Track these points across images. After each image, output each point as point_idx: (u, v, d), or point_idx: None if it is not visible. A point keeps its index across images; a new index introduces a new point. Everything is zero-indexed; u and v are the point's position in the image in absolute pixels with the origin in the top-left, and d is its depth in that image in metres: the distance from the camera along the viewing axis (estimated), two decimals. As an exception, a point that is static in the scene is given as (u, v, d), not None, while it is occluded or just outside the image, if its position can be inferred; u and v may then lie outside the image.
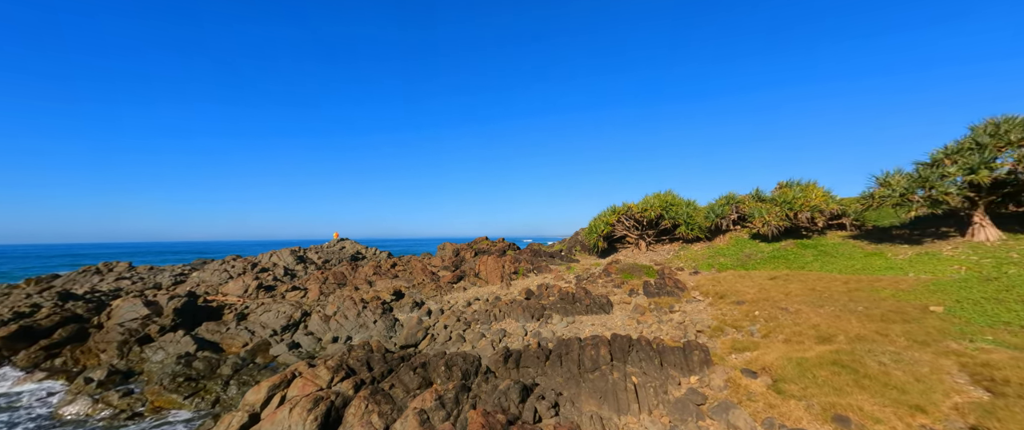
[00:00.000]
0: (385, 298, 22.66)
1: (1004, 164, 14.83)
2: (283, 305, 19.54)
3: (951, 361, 7.62)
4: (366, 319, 18.38)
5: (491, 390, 7.40)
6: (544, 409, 7.38)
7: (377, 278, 28.48)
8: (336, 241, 46.05)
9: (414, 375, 7.53)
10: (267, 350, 15.18)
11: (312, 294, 23.62)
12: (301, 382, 6.72)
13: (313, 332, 17.22)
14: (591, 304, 18.42)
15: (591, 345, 9.26)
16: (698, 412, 7.49)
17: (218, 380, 12.15)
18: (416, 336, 16.66)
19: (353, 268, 30.32)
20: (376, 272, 29.37)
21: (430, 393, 6.72)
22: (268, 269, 30.98)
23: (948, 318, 10.10)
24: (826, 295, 14.18)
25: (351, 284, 26.85)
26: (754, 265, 21.33)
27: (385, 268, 30.84)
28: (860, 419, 6.23)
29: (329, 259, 37.67)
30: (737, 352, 10.70)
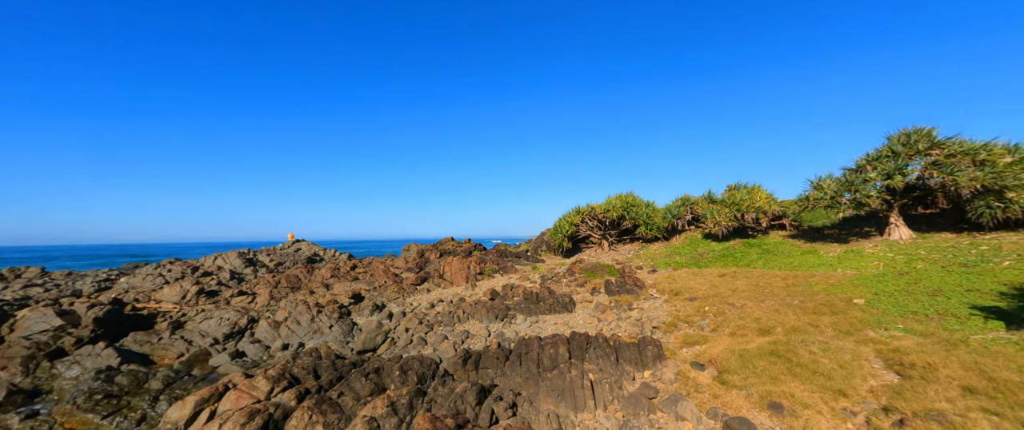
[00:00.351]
0: (343, 302, 21.63)
1: (914, 170, 16.74)
2: (227, 311, 18.06)
3: (869, 348, 8.43)
4: (321, 324, 17.43)
5: (448, 393, 7.22)
6: (501, 410, 7.30)
7: (335, 281, 27.15)
8: (291, 243, 43.46)
9: (366, 381, 7.17)
10: (206, 360, 13.92)
11: (261, 299, 22.08)
12: (235, 395, 6.14)
13: (260, 340, 16.06)
14: (554, 303, 18.63)
15: (550, 344, 9.31)
16: (650, 405, 7.74)
17: (145, 395, 10.95)
18: (375, 340, 16.03)
19: (309, 271, 28.73)
20: (334, 275, 28.01)
21: (382, 400, 6.43)
22: (212, 273, 28.59)
23: (868, 309, 11.19)
24: (768, 290, 15.25)
25: (306, 288, 25.38)
26: (706, 263, 22.59)
27: (344, 270, 29.48)
28: (791, 405, 6.71)
29: (282, 262, 35.45)
30: (688, 346, 11.22)
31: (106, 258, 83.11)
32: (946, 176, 15.65)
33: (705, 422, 7.01)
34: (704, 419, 7.10)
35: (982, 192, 15.49)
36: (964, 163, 15.46)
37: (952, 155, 15.79)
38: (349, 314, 20.80)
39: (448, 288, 26.56)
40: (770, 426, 6.49)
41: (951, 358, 7.08)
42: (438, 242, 39.60)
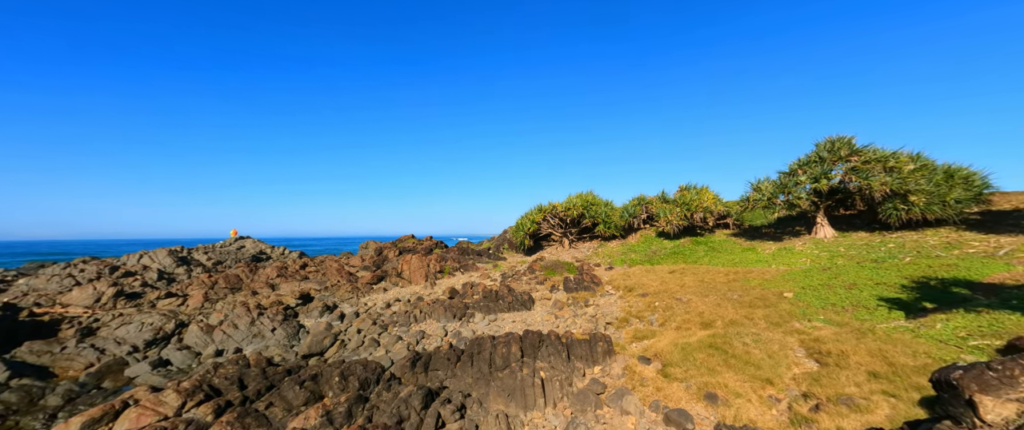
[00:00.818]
0: (289, 303, 20.26)
1: (837, 175, 18.53)
2: (150, 315, 16.25)
3: (794, 338, 9.15)
4: (262, 327, 16.18)
5: (392, 399, 6.89)
6: (449, 413, 7.08)
7: (282, 281, 25.39)
8: (234, 239, 40.13)
9: (301, 390, 6.65)
10: (121, 371, 12.39)
11: (194, 301, 20.11)
12: (136, 412, 5.39)
13: (190, 346, 14.60)
14: (514, 301, 18.61)
15: (503, 343, 9.22)
16: (597, 401, 7.87)
17: (40, 413, 9.51)
18: (322, 343, 15.14)
19: (252, 270, 26.64)
20: (281, 274, 26.18)
21: (317, 409, 5.98)
22: (135, 273, 25.66)
23: (796, 302, 12.18)
24: (712, 286, 16.18)
25: (248, 288, 23.51)
26: (659, 260, 23.66)
27: (293, 269, 27.65)
28: (725, 395, 7.10)
29: (222, 260, 32.61)
30: (637, 341, 11.62)
31: (6, 257, 72.08)
32: (862, 180, 17.46)
33: (648, 415, 7.24)
34: (647, 412, 7.33)
35: (890, 195, 17.47)
36: (877, 169, 17.34)
37: (867, 161, 17.65)
38: (296, 316, 19.54)
39: (406, 287, 25.76)
40: (706, 416, 6.82)
41: (860, 346, 7.84)
42: (398, 239, 38.34)
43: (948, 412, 2.47)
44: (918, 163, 17.40)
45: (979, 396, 2.19)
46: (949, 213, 16.70)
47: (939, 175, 16.96)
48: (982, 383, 2.25)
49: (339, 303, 22.41)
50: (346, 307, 21.43)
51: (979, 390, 2.22)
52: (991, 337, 7.21)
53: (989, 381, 2.26)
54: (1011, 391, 2.18)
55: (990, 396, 2.21)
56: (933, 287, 11.37)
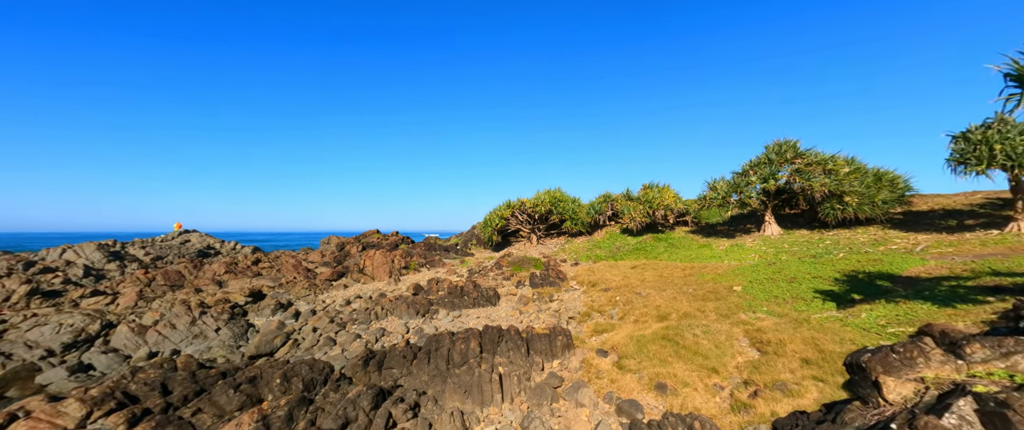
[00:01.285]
0: (238, 301, 18.93)
1: (783, 176, 19.84)
2: (71, 316, 14.56)
3: (740, 329, 9.66)
4: (204, 327, 15.00)
5: (339, 400, 6.54)
6: (400, 413, 6.83)
7: (231, 277, 23.69)
8: (177, 233, 37.03)
9: (235, 394, 6.14)
10: (32, 378, 10.99)
11: (125, 299, 18.31)
12: (26, 426, 4.69)
13: (118, 349, 13.24)
14: (479, 297, 18.44)
15: (462, 339, 9.05)
16: (554, 395, 7.91)
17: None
18: (272, 343, 14.27)
19: (196, 266, 24.68)
20: (230, 270, 24.44)
21: (251, 414, 5.53)
22: (56, 269, 22.99)
23: (743, 295, 12.90)
24: (669, 280, 16.83)
25: (191, 285, 21.73)
26: (622, 256, 24.35)
27: (244, 265, 25.89)
28: (673, 384, 7.35)
29: (163, 256, 29.97)
30: (597, 334, 11.85)
31: None
32: (805, 181, 18.81)
33: (601, 407, 7.36)
34: (600, 404, 7.46)
35: (829, 196, 18.95)
36: (817, 171, 18.74)
37: (809, 164, 19.03)
38: (244, 315, 18.32)
39: (369, 283, 24.90)
40: (655, 405, 7.02)
41: (796, 335, 8.39)
42: (362, 235, 36.97)
43: (858, 393, 2.62)
44: (852, 166, 18.99)
45: (883, 377, 2.33)
46: (877, 213, 18.37)
47: (870, 178, 18.60)
48: (886, 365, 2.40)
49: (294, 301, 21.28)
50: (302, 305, 20.38)
51: (884, 372, 2.37)
52: (906, 324, 7.94)
53: (892, 363, 2.42)
54: (910, 371, 2.33)
55: (892, 377, 2.36)
56: (861, 280, 12.43)
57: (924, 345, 2.60)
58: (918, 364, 2.37)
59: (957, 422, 1.98)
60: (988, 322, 6.63)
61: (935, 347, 2.58)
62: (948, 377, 2.37)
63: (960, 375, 2.38)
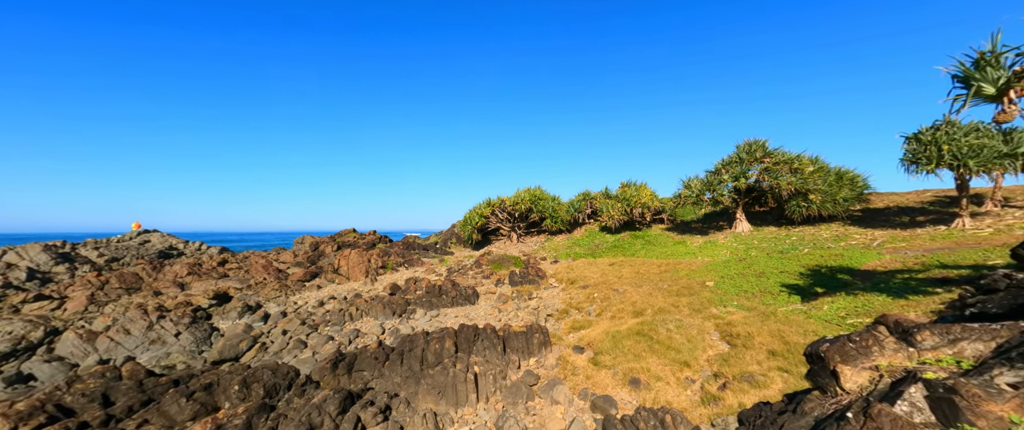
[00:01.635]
0: (201, 303, 17.94)
1: (753, 175, 20.57)
2: (10, 322, 13.38)
3: (711, 323, 9.89)
4: (162, 332, 14.12)
5: (303, 405, 6.22)
6: (370, 416, 6.58)
7: (194, 279, 22.45)
8: (136, 233, 34.85)
9: (187, 403, 5.73)
10: (-40, 396, 10.00)
11: (74, 304, 17.02)
12: (-60, 449, 4.19)
13: (64, 357, 12.25)
14: (457, 296, 18.19)
15: (437, 339, 8.85)
16: (529, 393, 7.84)
17: None
18: (238, 347, 13.58)
19: (156, 267, 23.26)
20: (193, 272, 23.15)
21: (205, 424, 5.16)
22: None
23: (715, 290, 13.25)
24: (646, 277, 17.11)
25: (149, 288, 20.44)
26: (601, 253, 24.63)
27: (209, 266, 24.60)
28: (647, 379, 7.42)
29: (120, 257, 28.11)
30: (574, 331, 11.88)
31: None
32: (773, 180, 19.56)
33: (576, 403, 7.35)
34: (575, 400, 7.44)
35: (795, 194, 19.77)
36: (784, 170, 19.52)
37: (777, 163, 19.80)
38: (208, 318, 17.40)
39: (343, 284, 24.17)
40: (629, 400, 7.06)
41: (764, 328, 8.65)
42: (337, 234, 35.89)
43: (817, 383, 2.65)
44: (816, 166, 19.90)
45: (840, 366, 2.37)
46: (839, 210, 19.32)
47: (832, 176, 19.53)
48: (843, 354, 2.44)
49: (264, 302, 20.41)
50: (272, 307, 19.57)
51: (841, 361, 2.40)
52: (864, 315, 8.32)
53: (849, 352, 2.46)
54: (865, 360, 2.38)
55: (849, 366, 2.40)
56: (824, 274, 13.00)
57: (878, 334, 2.66)
58: (873, 353, 2.42)
59: (908, 409, 2.00)
60: (936, 311, 7.02)
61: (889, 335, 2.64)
62: (900, 365, 2.43)
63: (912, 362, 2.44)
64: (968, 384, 1.94)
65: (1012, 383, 1.92)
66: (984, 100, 5.56)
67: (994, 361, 2.07)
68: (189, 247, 36.14)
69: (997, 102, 5.46)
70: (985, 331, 2.40)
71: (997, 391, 1.87)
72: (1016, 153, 13.23)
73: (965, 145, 13.93)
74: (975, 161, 13.60)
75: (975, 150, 13.63)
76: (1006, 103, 5.42)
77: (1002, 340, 2.26)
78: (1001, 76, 5.36)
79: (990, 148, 13.48)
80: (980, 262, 10.52)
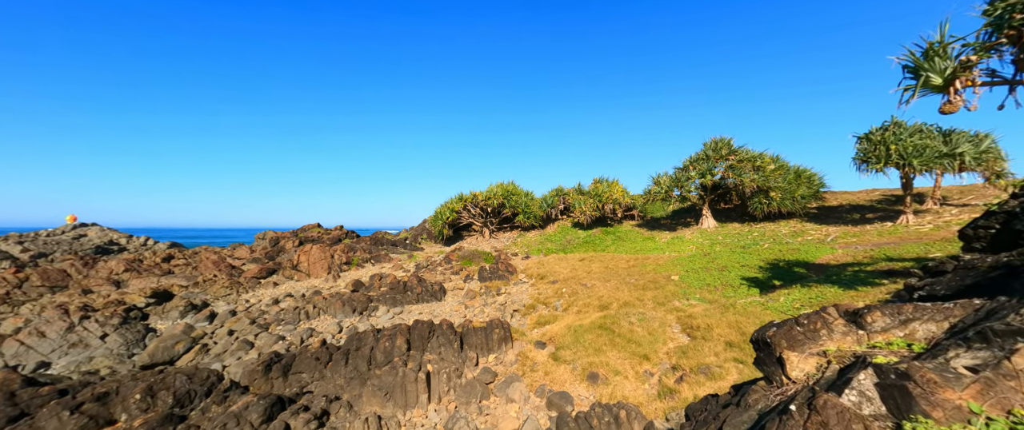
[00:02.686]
0: (136, 302, 16.34)
1: (719, 172, 21.04)
2: None
3: (673, 316, 9.82)
4: (85, 334, 12.69)
5: (221, 414, 5.50)
6: (302, 423, 5.94)
7: (133, 276, 20.53)
8: (70, 227, 31.72)
9: (72, 416, 4.89)
10: None
11: (-18, 307, 15.05)
12: None
13: (-41, 367, 10.69)
14: (423, 292, 17.50)
15: (388, 336, 8.25)
16: (484, 391, 7.41)
17: None
18: (173, 350, 12.37)
19: (88, 264, 21.14)
20: (132, 268, 21.18)
21: (94, 439, 4.38)
22: None
23: (680, 284, 13.31)
24: (614, 271, 17.08)
25: (78, 286, 18.49)
26: (572, 249, 24.55)
27: (152, 263, 22.59)
28: (606, 373, 7.17)
29: (47, 253, 25.40)
30: (539, 326, 11.56)
31: None
32: (737, 177, 20.06)
33: (532, 401, 6.98)
34: (532, 397, 7.08)
35: (757, 191, 20.37)
36: (748, 167, 20.05)
37: (742, 160, 20.32)
38: (145, 318, 15.90)
39: (304, 281, 22.86)
40: (586, 396, 6.77)
41: (723, 319, 8.62)
42: (300, 229, 34.10)
43: (765, 371, 2.38)
44: (777, 164, 20.58)
45: (787, 352, 2.09)
46: (797, 207, 20.07)
47: (791, 174, 20.25)
48: (790, 339, 2.18)
49: (212, 301, 18.95)
50: (221, 305, 18.20)
51: (788, 346, 2.13)
52: (817, 306, 8.43)
53: (796, 337, 2.20)
54: (813, 345, 2.12)
55: (796, 352, 2.13)
56: (781, 268, 13.32)
57: (827, 316, 2.41)
58: (821, 337, 2.17)
59: (857, 399, 1.71)
60: (884, 301, 7.16)
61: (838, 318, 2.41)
62: (850, 349, 2.18)
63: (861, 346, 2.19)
64: (923, 368, 1.67)
65: (970, 366, 1.67)
66: (932, 90, 5.61)
67: (949, 342, 1.83)
68: (133, 242, 33.23)
69: (944, 92, 5.51)
70: (937, 310, 2.19)
71: (954, 376, 1.62)
72: (954, 153, 14.06)
73: (910, 145, 14.67)
74: (919, 160, 14.34)
75: (919, 150, 14.38)
76: (951, 94, 5.48)
77: (955, 319, 2.06)
78: (948, 66, 5.40)
79: (932, 148, 14.26)
80: (922, 255, 11.02)
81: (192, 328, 14.42)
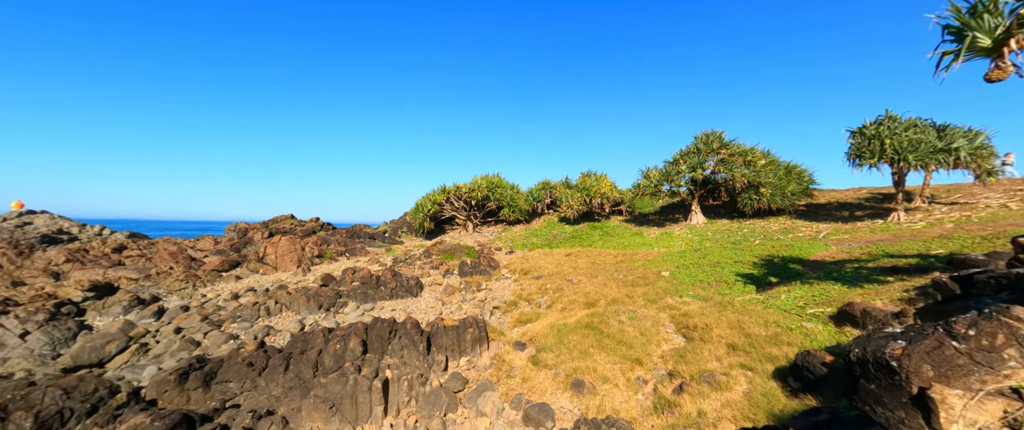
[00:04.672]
0: (71, 296, 14.58)
1: (709, 166, 20.43)
2: None
3: (666, 314, 8.95)
4: (2, 332, 11.03)
5: (107, 438, 4.28)
6: (219, 446, 4.73)
7: (75, 267, 18.58)
8: (15, 214, 29.04)
9: None
10: None
11: None
12: None
13: None
14: (398, 287, 16.24)
15: (339, 337, 7.08)
16: (452, 402, 6.34)
17: None
18: (104, 350, 10.86)
19: (22, 253, 19.06)
20: (75, 259, 19.19)
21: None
22: None
23: (671, 280, 12.51)
24: (602, 267, 16.21)
25: (8, 277, 16.50)
26: (558, 244, 23.64)
27: (99, 253, 20.59)
28: (593, 380, 6.20)
29: (-18, 242, 22.96)
30: (520, 325, 10.56)
31: None
32: (728, 171, 19.47)
33: (506, 414, 5.96)
34: (506, 410, 6.05)
35: (747, 186, 19.84)
36: (739, 162, 19.49)
37: (733, 154, 19.75)
38: (81, 314, 14.21)
39: (270, 274, 21.26)
40: (569, 408, 5.79)
41: (722, 318, 7.78)
42: (271, 220, 32.18)
43: (876, 414, 1.43)
44: (767, 159, 20.11)
45: (941, 389, 1.15)
46: (786, 204, 19.64)
47: (781, 170, 19.80)
48: (945, 363, 1.24)
49: (164, 295, 17.30)
50: (173, 300, 16.57)
51: (940, 376, 1.20)
52: (823, 305, 7.68)
53: (955, 361, 1.27)
54: (991, 376, 1.19)
55: (957, 387, 1.19)
56: (776, 264, 12.67)
57: (1015, 322, 1.44)
58: (1007, 361, 1.25)
59: None
60: (905, 298, 6.43)
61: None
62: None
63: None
64: None
65: None
66: (978, 54, 4.81)
67: None
68: (86, 231, 30.70)
69: (992, 56, 4.72)
70: None
71: None
72: (950, 148, 13.69)
73: (905, 140, 14.25)
74: (914, 155, 13.92)
75: (914, 144, 13.95)
76: (1001, 58, 4.68)
77: None
78: (999, 25, 4.60)
79: (927, 143, 13.85)
80: (923, 252, 10.48)
81: (132, 325, 12.88)
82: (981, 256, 5.66)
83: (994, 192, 17.24)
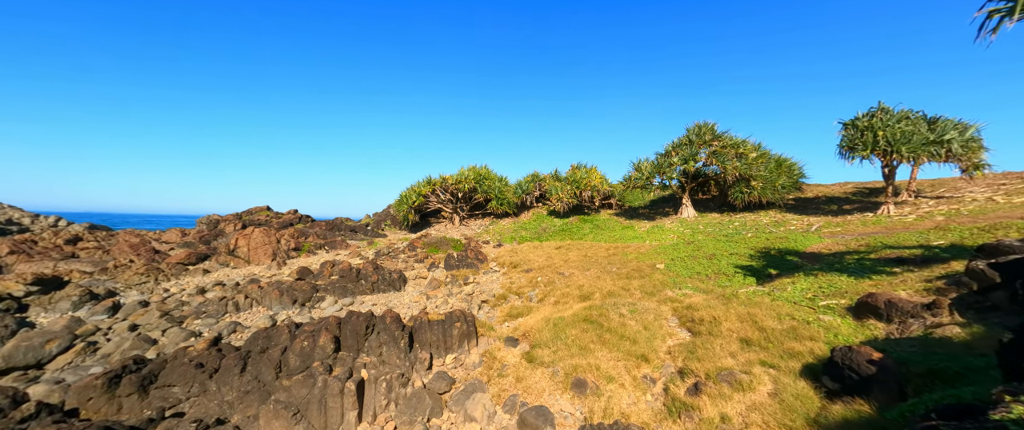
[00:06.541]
0: (11, 290, 13.07)
1: (701, 158, 20.13)
2: None
3: (667, 307, 8.40)
4: (-85, 334, 9.61)
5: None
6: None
7: (21, 260, 16.85)
8: (-47, 203, 26.43)
9: None
10: None
11: None
12: None
13: None
14: (379, 281, 15.28)
15: (307, 334, 6.20)
16: (437, 405, 5.58)
17: None
18: (42, 350, 9.59)
19: (-44, 245, 17.13)
20: (21, 250, 17.42)
21: None
22: None
23: (667, 272, 12.02)
24: (594, 260, 15.65)
25: (-64, 273, 14.74)
26: (548, 237, 23.03)
27: (51, 244, 18.82)
28: (596, 379, 5.54)
29: (-89, 232, 20.72)
30: (511, 319, 9.86)
31: None
32: (720, 164, 19.18)
33: (498, 418, 5.23)
34: (498, 413, 5.32)
35: (738, 179, 19.63)
36: (731, 154, 19.23)
37: (725, 146, 19.47)
38: (23, 309, 12.79)
39: (241, 267, 19.89)
40: (570, 411, 5.11)
41: (729, 312, 7.25)
42: (245, 211, 30.44)
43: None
44: (759, 152, 19.94)
45: None
46: (777, 197, 19.53)
47: (772, 163, 19.65)
48: None
49: (122, 290, 15.86)
50: (132, 295, 15.19)
51: None
52: (836, 296, 7.24)
53: None
54: None
55: None
56: (773, 256, 12.33)
57: None
58: None
59: None
60: (932, 289, 5.99)
61: None
62: None
63: None
64: None
65: None
66: (1030, 13, 4.31)
67: None
68: (39, 222, 28.33)
69: (1048, 15, 4.23)
70: None
71: None
72: (941, 140, 13.63)
73: (898, 132, 14.13)
74: (907, 148, 13.82)
75: (907, 136, 13.84)
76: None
77: None
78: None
79: (919, 135, 13.75)
80: (923, 243, 10.25)
81: (81, 322, 11.59)
82: (1016, 242, 5.26)
83: (978, 186, 17.47)
